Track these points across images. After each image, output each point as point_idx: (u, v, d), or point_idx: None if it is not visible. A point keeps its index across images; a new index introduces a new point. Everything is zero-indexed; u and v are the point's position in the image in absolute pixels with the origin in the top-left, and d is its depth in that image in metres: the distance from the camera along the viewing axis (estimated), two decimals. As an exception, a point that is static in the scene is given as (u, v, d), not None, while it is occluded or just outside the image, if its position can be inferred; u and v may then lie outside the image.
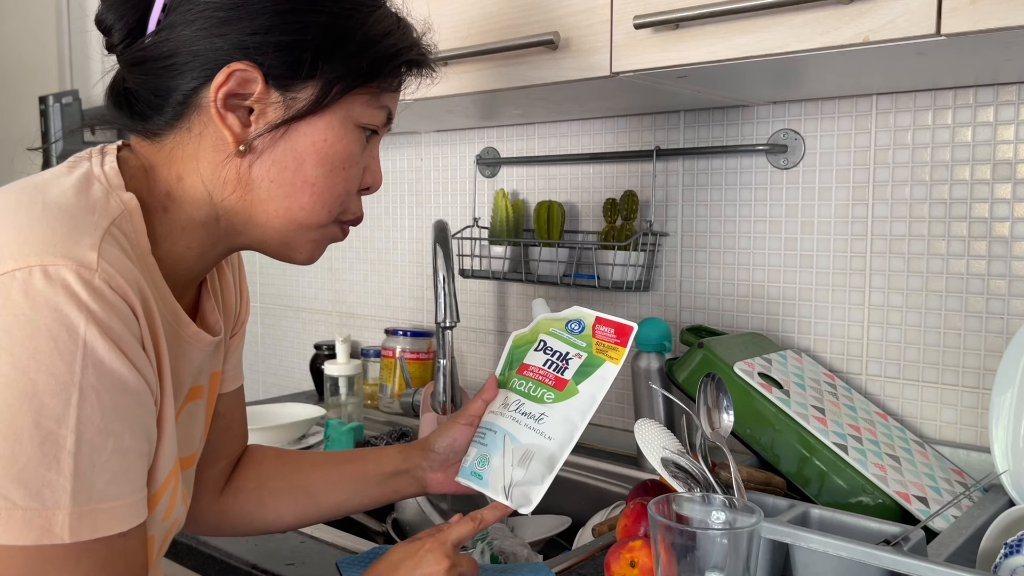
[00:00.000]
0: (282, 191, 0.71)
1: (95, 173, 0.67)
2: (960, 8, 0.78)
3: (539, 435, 0.87)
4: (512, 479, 0.86)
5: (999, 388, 0.95)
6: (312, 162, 0.71)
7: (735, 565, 0.70)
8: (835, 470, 1.01)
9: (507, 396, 0.92)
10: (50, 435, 0.55)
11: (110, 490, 0.58)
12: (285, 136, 0.70)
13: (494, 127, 1.64)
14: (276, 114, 0.69)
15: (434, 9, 1.16)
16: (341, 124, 0.72)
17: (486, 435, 0.90)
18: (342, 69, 0.70)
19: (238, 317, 0.89)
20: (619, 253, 1.36)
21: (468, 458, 0.90)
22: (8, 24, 2.61)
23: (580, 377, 0.89)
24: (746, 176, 1.33)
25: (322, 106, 0.70)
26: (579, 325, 0.93)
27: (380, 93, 0.74)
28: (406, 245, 1.83)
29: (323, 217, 0.73)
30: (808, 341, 1.28)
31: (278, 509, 0.94)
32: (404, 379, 1.66)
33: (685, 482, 0.85)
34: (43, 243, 0.57)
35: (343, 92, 0.71)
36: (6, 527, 0.54)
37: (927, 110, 1.16)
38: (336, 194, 0.73)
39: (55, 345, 0.55)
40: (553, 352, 0.92)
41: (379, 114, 0.75)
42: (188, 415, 0.78)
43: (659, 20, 0.94)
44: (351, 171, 0.74)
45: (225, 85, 0.68)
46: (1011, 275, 1.11)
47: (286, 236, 0.74)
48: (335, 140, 0.72)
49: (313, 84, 0.70)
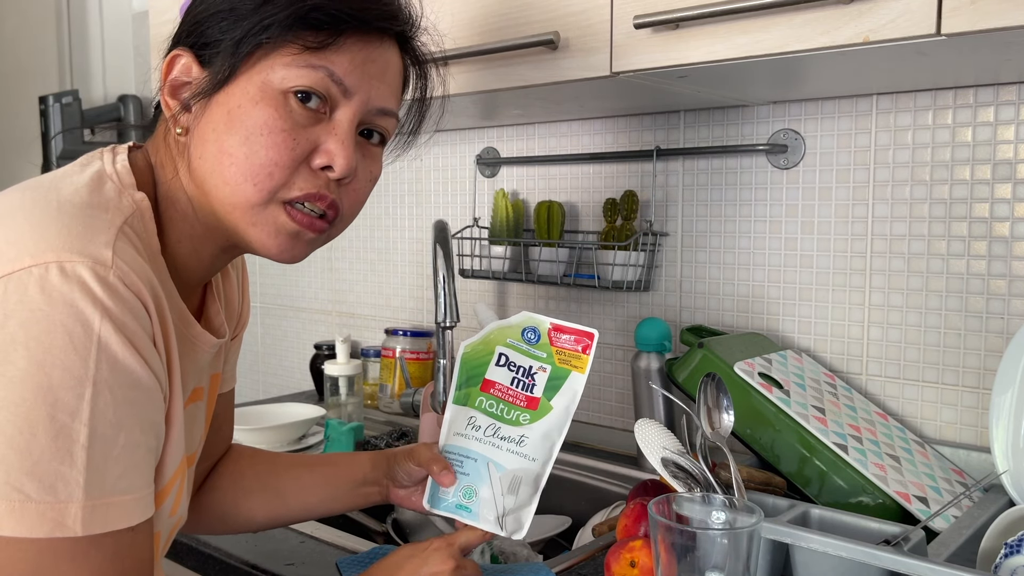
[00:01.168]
0: (208, 167, 0.69)
1: (107, 172, 0.68)
2: (960, 8, 0.78)
3: (523, 458, 0.85)
4: (504, 508, 0.84)
5: (999, 388, 0.95)
6: (225, 131, 0.68)
7: (735, 565, 0.70)
8: (835, 470, 1.01)
9: (473, 417, 0.88)
10: (64, 429, 0.55)
11: (121, 484, 0.59)
12: (206, 110, 0.69)
13: (494, 127, 1.64)
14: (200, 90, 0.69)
15: (434, 9, 1.15)
16: (258, 89, 0.67)
17: (464, 463, 0.86)
18: (244, 28, 0.67)
19: (239, 319, 0.90)
20: (619, 253, 1.36)
21: (448, 489, 0.86)
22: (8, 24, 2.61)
23: (550, 392, 0.87)
24: (746, 176, 1.33)
25: (233, 72, 0.68)
26: (535, 334, 0.89)
27: (305, 51, 0.68)
28: (406, 245, 1.83)
29: (250, 192, 0.68)
30: (808, 341, 1.28)
31: (250, 509, 0.94)
32: (404, 379, 1.66)
33: (685, 482, 0.85)
34: (59, 240, 0.58)
35: (250, 52, 0.67)
36: (20, 519, 0.55)
37: (927, 110, 1.16)
38: (258, 164, 0.67)
39: (70, 340, 0.55)
40: (516, 368, 0.89)
41: (308, 74, 0.68)
42: (190, 415, 0.78)
43: (659, 20, 0.94)
44: (274, 139, 0.67)
45: (169, 73, 0.70)
46: (1011, 275, 1.11)
47: (229, 219, 0.70)
48: (250, 105, 0.67)
49: (224, 52, 0.68)
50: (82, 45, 2.42)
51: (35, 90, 2.40)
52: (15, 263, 0.56)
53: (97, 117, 2.27)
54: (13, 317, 0.55)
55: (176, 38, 0.72)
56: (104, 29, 2.37)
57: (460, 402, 0.89)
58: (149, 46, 1.77)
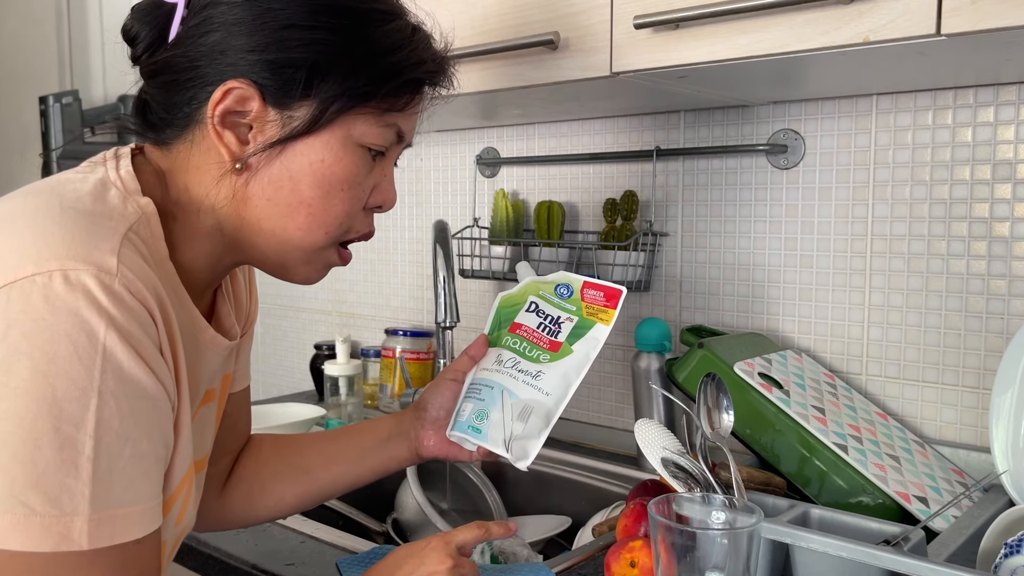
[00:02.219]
0: (277, 210, 0.70)
1: (111, 178, 0.67)
2: (960, 8, 0.78)
3: (537, 391, 0.88)
4: (512, 433, 0.87)
5: (999, 388, 0.95)
6: (308, 183, 0.69)
7: (735, 565, 0.70)
8: (835, 470, 1.01)
9: (500, 353, 0.92)
10: (69, 440, 0.55)
11: (128, 495, 0.58)
12: (281, 155, 0.69)
13: (494, 127, 1.64)
14: (272, 132, 0.69)
15: (434, 9, 1.15)
16: (341, 144, 0.70)
17: (482, 390, 0.90)
18: (338, 88, 0.68)
19: (248, 317, 0.90)
20: (619, 253, 1.36)
21: (463, 413, 0.90)
22: (8, 24, 2.61)
23: (573, 339, 0.91)
24: (746, 176, 1.33)
25: (318, 126, 0.69)
26: (568, 289, 0.94)
27: (385, 112, 0.72)
28: (406, 245, 1.83)
29: (319, 238, 0.72)
30: (808, 341, 1.28)
31: (279, 492, 0.94)
32: (404, 379, 1.66)
33: (685, 482, 0.85)
34: (63, 248, 0.57)
35: (340, 111, 0.69)
36: (25, 534, 0.54)
37: (927, 110, 1.16)
38: (334, 216, 0.71)
39: (75, 350, 0.55)
40: (545, 315, 0.93)
41: (385, 133, 0.72)
42: (201, 418, 0.78)
43: (659, 20, 0.94)
44: (351, 192, 0.71)
45: (222, 103, 0.68)
46: (1011, 275, 1.11)
47: (282, 256, 0.73)
48: (333, 161, 0.70)
49: (309, 103, 0.68)
50: (82, 45, 2.42)
51: (35, 90, 2.40)
52: (18, 271, 0.56)
53: (97, 117, 2.27)
54: (16, 327, 0.54)
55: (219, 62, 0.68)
56: (104, 29, 2.37)
57: (493, 344, 0.94)
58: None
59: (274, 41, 0.67)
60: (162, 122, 0.72)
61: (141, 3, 0.72)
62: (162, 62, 0.70)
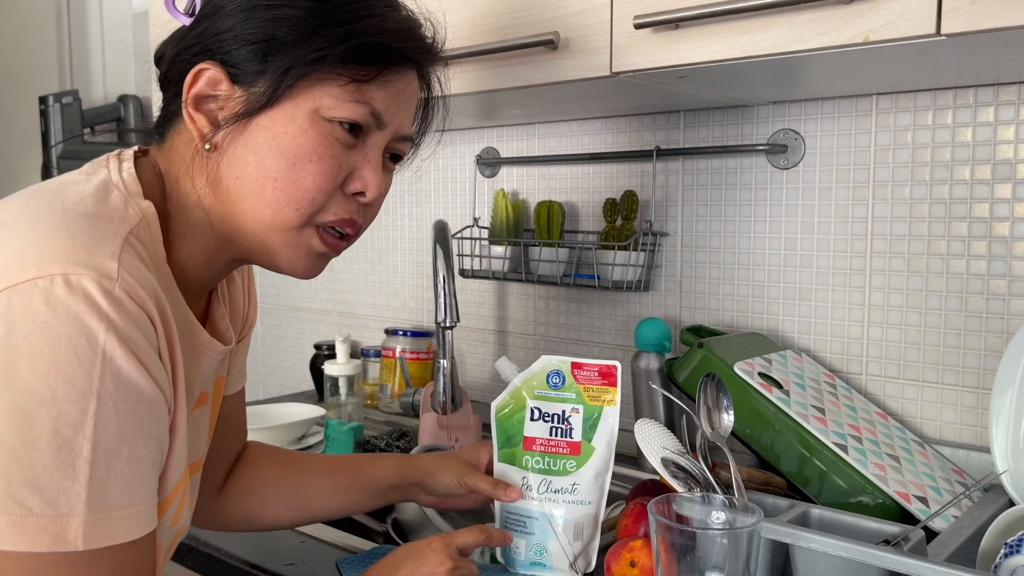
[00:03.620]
0: (247, 188, 0.69)
1: (113, 180, 0.68)
2: (960, 8, 0.78)
3: (579, 505, 0.91)
4: (574, 552, 0.91)
5: (999, 388, 0.95)
6: (272, 156, 0.68)
7: (735, 565, 0.70)
8: (835, 470, 1.01)
9: (525, 477, 0.92)
10: (67, 442, 0.55)
11: (123, 498, 0.58)
12: (246, 131, 0.69)
13: (494, 127, 1.64)
14: (236, 109, 0.69)
15: (434, 9, 1.15)
16: (306, 117, 0.69)
17: (527, 523, 0.92)
18: (291, 57, 0.68)
19: (245, 321, 0.90)
20: (619, 253, 1.36)
21: (519, 551, 0.92)
22: (8, 24, 2.61)
23: (589, 433, 0.92)
24: (746, 176, 1.33)
25: (276, 96, 0.68)
26: (559, 377, 0.94)
27: (353, 83, 0.69)
28: (406, 245, 1.83)
29: (291, 216, 0.70)
30: (808, 341, 1.28)
31: (276, 513, 0.97)
32: (404, 379, 1.66)
33: (685, 482, 0.85)
34: (64, 252, 0.57)
35: (296, 79, 0.68)
36: (21, 533, 0.55)
37: (927, 110, 1.16)
38: (302, 189, 0.69)
39: (75, 353, 0.55)
40: (551, 416, 0.93)
41: (355, 109, 0.70)
42: (195, 421, 0.78)
43: (659, 20, 0.94)
44: (318, 165, 0.69)
45: (194, 86, 0.69)
46: (1011, 275, 1.11)
47: (261, 239, 0.71)
48: (297, 132, 0.68)
49: (267, 77, 0.68)
50: (82, 45, 2.42)
51: (35, 90, 2.40)
52: (20, 274, 0.56)
53: (97, 117, 2.27)
54: (17, 329, 0.55)
55: (196, 50, 0.70)
56: (104, 29, 2.37)
57: (506, 460, 0.94)
58: (149, 46, 1.77)
59: (240, 21, 0.69)
60: (163, 119, 0.74)
61: (175, 31, 0.75)
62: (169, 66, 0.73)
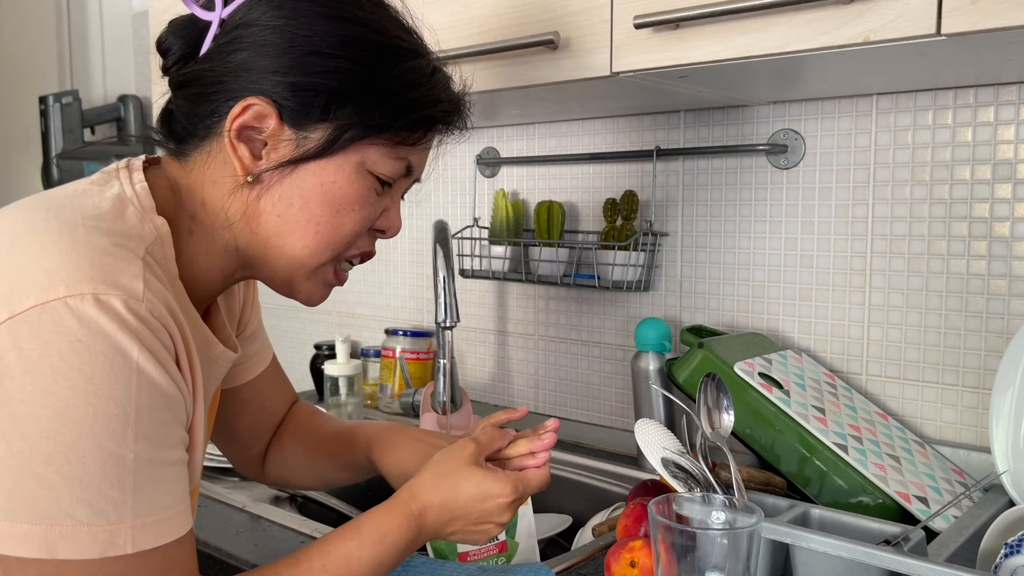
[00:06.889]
0: (287, 227, 0.72)
1: (128, 195, 0.69)
2: (960, 8, 0.78)
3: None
4: None
5: (999, 388, 0.95)
6: (318, 202, 0.72)
7: (735, 565, 0.70)
8: (835, 470, 1.01)
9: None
10: (112, 456, 0.58)
11: (166, 500, 0.61)
12: (294, 173, 0.71)
13: (494, 127, 1.64)
14: (286, 151, 0.71)
15: (434, 9, 1.16)
16: (353, 169, 0.72)
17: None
18: (355, 117, 0.71)
19: (241, 318, 0.91)
20: (619, 253, 1.36)
21: None
22: (8, 24, 2.61)
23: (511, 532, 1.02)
24: (746, 176, 1.33)
25: (332, 150, 0.71)
26: None
27: (398, 145, 0.74)
28: (406, 245, 1.82)
29: (325, 256, 0.75)
30: (808, 341, 1.28)
31: (304, 483, 1.06)
32: (404, 379, 1.66)
33: (685, 482, 0.85)
34: (92, 271, 0.59)
35: (355, 139, 0.71)
36: (74, 543, 0.57)
37: (927, 110, 1.16)
38: (342, 234, 0.74)
39: (111, 370, 0.58)
40: None
41: (395, 165, 0.75)
42: None
43: (659, 20, 0.94)
44: (360, 213, 0.74)
45: (240, 117, 0.70)
46: (1011, 275, 1.11)
47: (289, 273, 0.75)
48: (344, 183, 0.72)
49: (325, 127, 0.71)
50: (82, 45, 2.42)
51: (35, 90, 2.40)
52: (49, 292, 0.58)
53: (97, 117, 2.27)
54: (52, 348, 0.57)
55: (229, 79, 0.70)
56: (104, 29, 2.37)
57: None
58: (149, 46, 1.77)
59: (298, 64, 0.70)
60: (185, 132, 0.74)
61: (178, 18, 0.75)
62: (191, 74, 0.73)
